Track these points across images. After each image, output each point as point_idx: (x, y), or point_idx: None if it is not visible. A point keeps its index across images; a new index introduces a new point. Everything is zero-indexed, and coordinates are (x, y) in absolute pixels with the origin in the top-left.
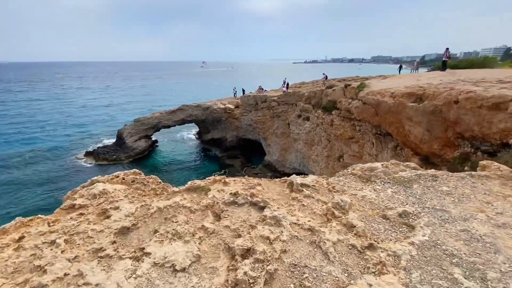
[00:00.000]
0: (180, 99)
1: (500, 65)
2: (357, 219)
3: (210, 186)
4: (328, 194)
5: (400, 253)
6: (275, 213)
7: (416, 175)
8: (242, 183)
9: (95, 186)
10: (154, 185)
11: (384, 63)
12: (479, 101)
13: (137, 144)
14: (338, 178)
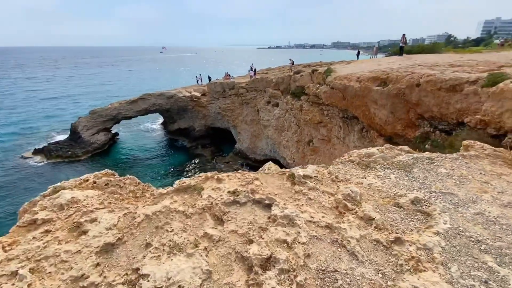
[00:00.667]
0: (141, 87)
1: (445, 50)
2: (372, 210)
3: (202, 184)
4: (333, 185)
5: (430, 245)
6: (286, 211)
7: (413, 159)
8: (238, 179)
9: (60, 195)
10: (132, 187)
11: (343, 49)
12: (438, 84)
13: (95, 138)
14: (337, 167)
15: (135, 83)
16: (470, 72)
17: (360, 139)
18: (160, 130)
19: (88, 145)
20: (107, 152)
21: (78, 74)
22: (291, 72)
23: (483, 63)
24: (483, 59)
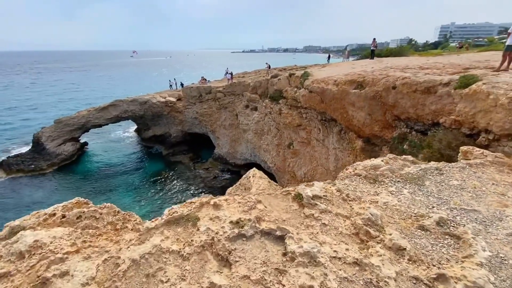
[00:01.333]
0: (111, 94)
1: (410, 53)
2: (400, 237)
3: (197, 213)
4: (345, 205)
5: (481, 283)
6: (305, 245)
7: (422, 170)
8: (238, 203)
9: (19, 238)
10: (110, 218)
11: (314, 53)
12: (414, 86)
13: (61, 148)
14: (344, 182)
15: (104, 89)
16: (441, 74)
17: (339, 141)
18: (134, 137)
19: (54, 156)
20: (75, 163)
21: (40, 81)
22: (268, 76)
23: (450, 65)
24: (448, 62)
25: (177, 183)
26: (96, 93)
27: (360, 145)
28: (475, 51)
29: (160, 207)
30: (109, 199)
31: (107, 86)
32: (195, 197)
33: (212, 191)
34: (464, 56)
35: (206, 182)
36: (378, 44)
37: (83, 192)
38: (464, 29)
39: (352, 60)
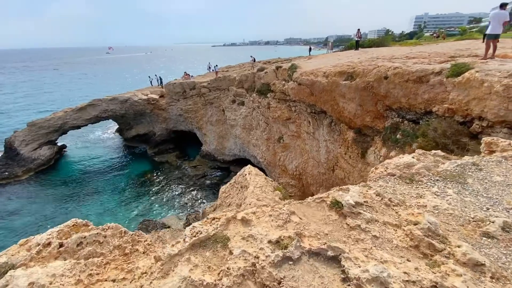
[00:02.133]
0: (89, 93)
1: (391, 43)
2: (472, 250)
3: (225, 231)
4: (389, 211)
5: None
6: (371, 269)
7: (458, 166)
8: (270, 216)
9: (9, 281)
10: (117, 240)
11: (296, 45)
12: (406, 76)
13: (37, 153)
14: (379, 184)
15: (80, 88)
16: (430, 63)
17: (329, 133)
18: (115, 138)
19: (30, 162)
20: (54, 168)
21: (7, 81)
22: (254, 70)
23: (435, 54)
24: (432, 51)
25: (165, 183)
26: (72, 92)
27: (351, 136)
28: (451, 40)
29: (149, 210)
30: (93, 204)
31: (83, 85)
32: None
33: (202, 189)
34: (443, 45)
35: (195, 181)
36: (356, 36)
37: (64, 198)
38: (437, 19)
39: (334, 51)
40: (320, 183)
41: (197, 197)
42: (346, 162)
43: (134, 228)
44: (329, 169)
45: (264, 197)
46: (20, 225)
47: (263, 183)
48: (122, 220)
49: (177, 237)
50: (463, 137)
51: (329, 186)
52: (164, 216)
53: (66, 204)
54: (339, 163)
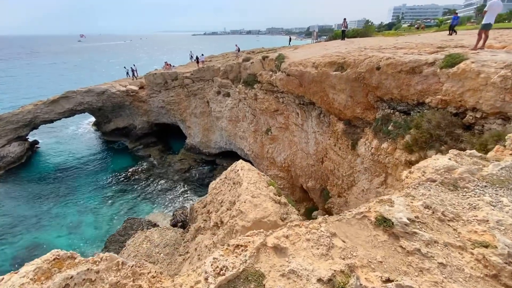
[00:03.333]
0: (61, 85)
1: (374, 34)
2: None
3: (256, 265)
4: (446, 228)
5: None
6: None
7: (503, 169)
8: (307, 240)
9: None
10: (113, 276)
11: (277, 34)
12: (399, 66)
13: (6, 150)
14: (421, 192)
15: (51, 79)
16: (420, 53)
17: (318, 124)
18: (92, 132)
19: None
20: (25, 165)
21: None
22: (239, 60)
23: (422, 45)
24: (418, 42)
25: (148, 179)
26: (42, 84)
27: (341, 128)
28: (430, 31)
29: (132, 207)
30: (72, 203)
31: (53, 76)
32: (174, 194)
33: (188, 184)
34: (426, 36)
35: (180, 175)
36: (337, 26)
37: (40, 197)
38: (414, 10)
39: (318, 41)
40: (309, 174)
41: (183, 192)
42: (335, 153)
43: (117, 228)
44: (318, 161)
45: (258, 194)
46: None
47: (256, 179)
48: (105, 219)
49: (175, 254)
50: (457, 129)
51: (317, 177)
52: (149, 213)
53: (42, 204)
54: (328, 155)
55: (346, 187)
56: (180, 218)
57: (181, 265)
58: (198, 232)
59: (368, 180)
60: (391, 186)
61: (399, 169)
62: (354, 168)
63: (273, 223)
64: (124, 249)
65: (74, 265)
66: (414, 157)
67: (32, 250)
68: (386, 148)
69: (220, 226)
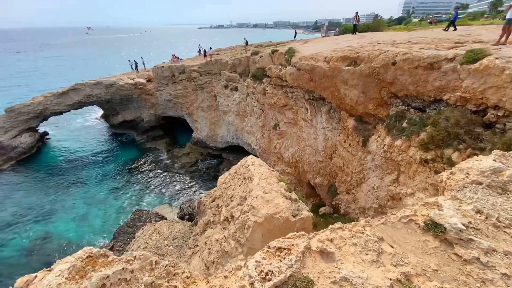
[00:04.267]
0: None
1: (386, 28)
2: None
3: (303, 270)
4: (503, 235)
5: None
6: None
7: None
8: (355, 246)
9: None
10: (147, 276)
11: (284, 28)
12: (416, 62)
13: (17, 141)
14: (467, 195)
15: (62, 72)
16: (438, 49)
17: (328, 120)
18: (101, 124)
19: (10, 150)
20: (36, 156)
21: None
22: (247, 53)
23: (438, 40)
24: (434, 36)
25: (156, 171)
26: (53, 77)
27: (352, 124)
28: (443, 26)
29: (140, 199)
30: (81, 193)
31: (63, 68)
32: (180, 187)
33: (194, 177)
34: (438, 31)
35: (187, 168)
36: (345, 20)
37: (50, 188)
38: (425, 4)
39: (326, 35)
40: (317, 171)
41: (189, 185)
42: (345, 150)
43: (125, 219)
44: (326, 157)
45: (270, 189)
46: (3, 216)
47: (267, 174)
48: (112, 210)
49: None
50: (477, 127)
51: (326, 174)
52: (156, 205)
53: (52, 194)
54: (337, 151)
55: (355, 184)
56: (187, 211)
57: (191, 258)
58: (208, 226)
59: (379, 177)
60: (403, 184)
61: (413, 167)
62: (364, 165)
63: (285, 219)
64: (133, 240)
65: (107, 264)
66: (430, 155)
67: (43, 240)
68: (399, 146)
69: (231, 220)
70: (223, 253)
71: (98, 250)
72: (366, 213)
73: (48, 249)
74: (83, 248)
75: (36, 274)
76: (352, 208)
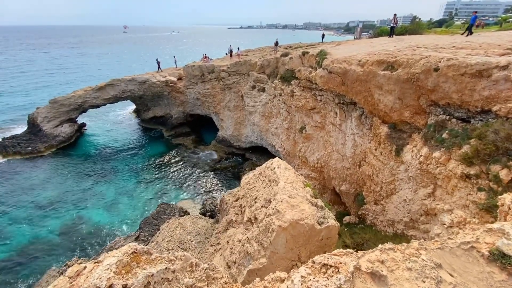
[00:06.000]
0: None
1: (427, 31)
2: None
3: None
4: None
5: None
6: None
7: None
8: (409, 270)
9: None
10: (188, 277)
11: (315, 29)
12: (463, 69)
13: (58, 130)
14: None
15: (100, 68)
16: (488, 55)
17: (358, 126)
18: (132, 118)
19: (51, 138)
20: (74, 145)
21: (23, 58)
22: (277, 54)
23: (487, 45)
24: (482, 41)
25: (181, 167)
26: (92, 72)
27: (385, 132)
28: (491, 30)
29: (164, 192)
30: (111, 183)
31: (101, 64)
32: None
33: (217, 175)
34: (486, 35)
35: (211, 165)
36: (379, 22)
37: (84, 175)
38: (470, 6)
39: (358, 38)
40: (343, 178)
41: (212, 182)
42: (376, 158)
43: (151, 211)
44: (354, 164)
45: (295, 194)
46: (44, 199)
47: (293, 179)
48: (139, 201)
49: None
50: None
51: (353, 181)
52: (180, 200)
53: (86, 181)
54: (367, 159)
55: (385, 194)
56: (210, 208)
57: (212, 256)
58: (230, 225)
59: (412, 190)
60: (440, 199)
61: (452, 181)
62: (396, 175)
63: (310, 226)
64: (158, 232)
65: (151, 261)
66: (474, 171)
67: (76, 223)
68: (438, 158)
69: (254, 222)
70: (245, 254)
71: (142, 247)
72: (396, 227)
73: (80, 232)
74: (128, 244)
75: (85, 265)
76: (380, 220)
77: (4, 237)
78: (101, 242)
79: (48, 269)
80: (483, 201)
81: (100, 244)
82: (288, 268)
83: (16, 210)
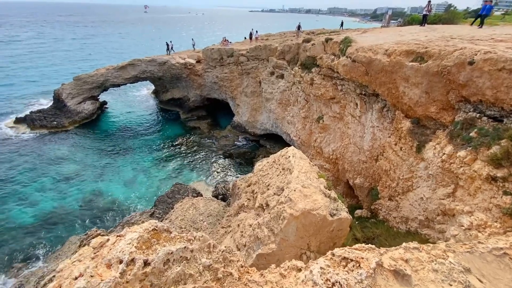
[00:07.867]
0: (129, 52)
1: (461, 21)
2: None
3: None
4: None
5: None
6: None
7: None
8: (434, 271)
9: None
10: (205, 258)
11: (339, 15)
12: (501, 63)
13: (81, 107)
14: None
15: (121, 47)
16: None
17: (379, 119)
18: (152, 99)
19: (75, 114)
20: (95, 122)
21: (50, 35)
22: (299, 40)
23: None
24: None
25: (196, 149)
26: (112, 51)
27: (407, 126)
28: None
29: (179, 173)
30: (128, 160)
31: (122, 44)
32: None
33: (231, 159)
34: None
35: (225, 150)
36: (410, 9)
37: (104, 151)
38: None
39: (386, 26)
40: (358, 171)
41: (225, 166)
42: (395, 153)
43: (166, 190)
44: (371, 158)
45: (309, 184)
46: (67, 171)
47: (307, 169)
48: (155, 179)
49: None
50: None
51: (368, 175)
52: (193, 181)
53: (105, 157)
54: (385, 153)
55: (401, 191)
56: (222, 191)
57: (223, 237)
58: (241, 209)
59: (431, 188)
60: (460, 200)
61: (476, 183)
62: (415, 172)
63: (322, 217)
64: (172, 211)
65: (170, 239)
66: (501, 173)
67: (95, 196)
68: (463, 157)
69: (266, 208)
70: (255, 238)
71: (162, 225)
72: (409, 224)
73: (99, 204)
74: (149, 221)
75: (108, 237)
76: (393, 216)
77: (32, 203)
78: (118, 215)
79: (69, 236)
80: (508, 205)
81: (117, 217)
82: (297, 256)
83: (43, 179)
